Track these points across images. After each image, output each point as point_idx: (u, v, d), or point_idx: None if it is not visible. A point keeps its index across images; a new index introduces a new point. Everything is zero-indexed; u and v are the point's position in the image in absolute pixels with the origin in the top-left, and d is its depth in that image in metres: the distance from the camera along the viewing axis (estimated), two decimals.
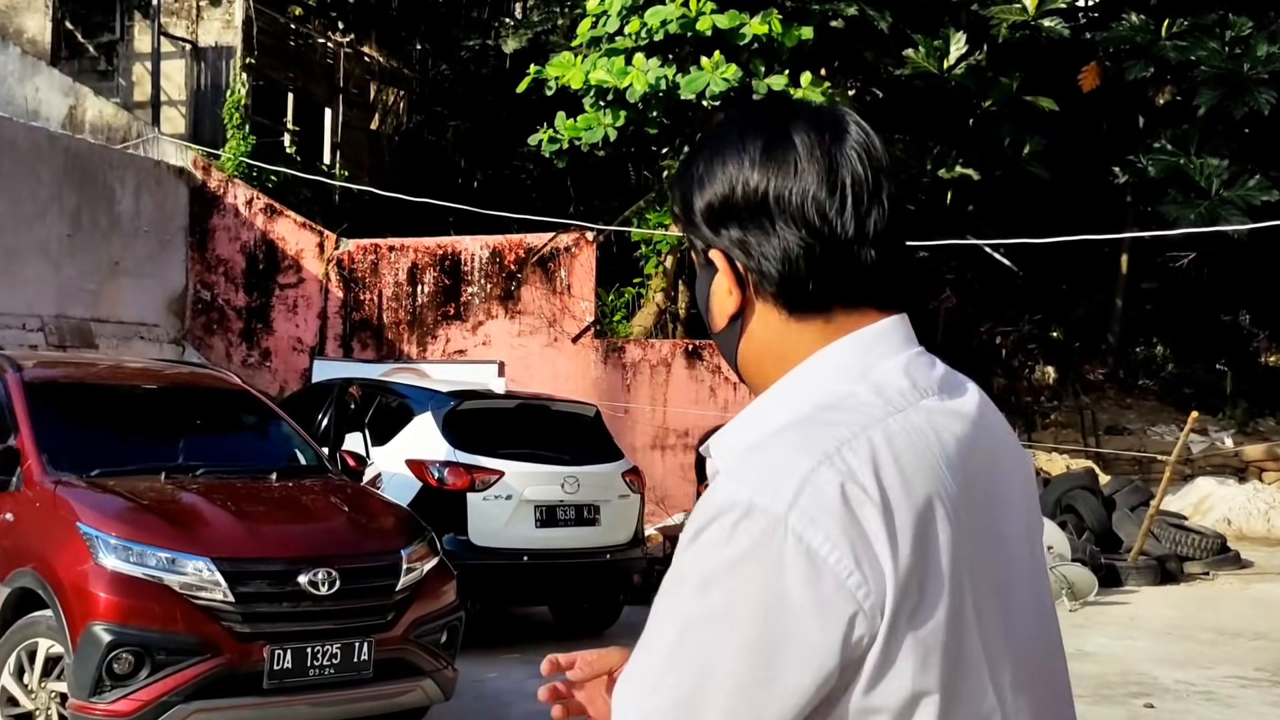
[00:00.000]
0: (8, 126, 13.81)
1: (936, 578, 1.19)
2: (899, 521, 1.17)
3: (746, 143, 1.33)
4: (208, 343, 16.09)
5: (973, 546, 1.24)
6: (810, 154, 1.31)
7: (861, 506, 1.16)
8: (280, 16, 19.39)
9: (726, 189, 1.33)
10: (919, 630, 1.18)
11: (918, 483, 1.21)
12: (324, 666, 6.09)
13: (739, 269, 1.33)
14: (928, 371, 1.33)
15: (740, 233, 1.32)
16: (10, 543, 6.48)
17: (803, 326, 1.32)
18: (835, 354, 1.31)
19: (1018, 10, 19.88)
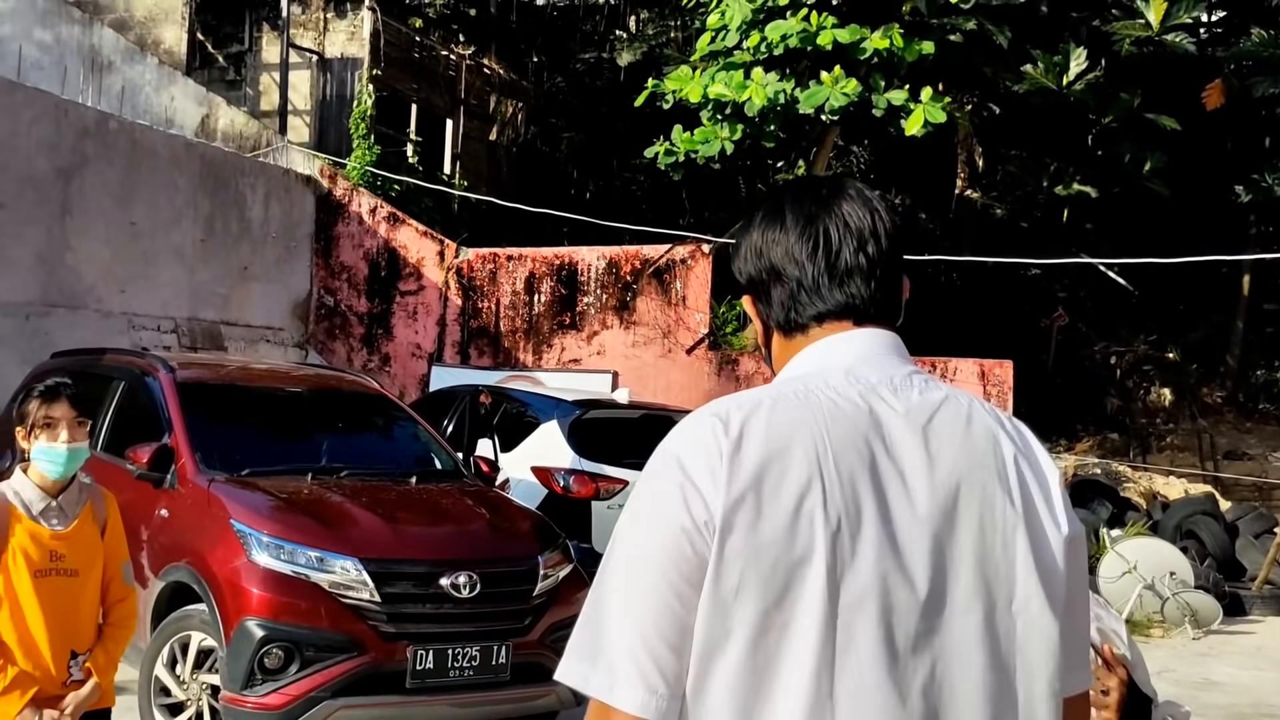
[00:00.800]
0: (148, 134, 14.28)
1: (780, 515, 1.50)
2: (746, 462, 1.52)
3: (755, 217, 1.80)
4: (330, 347, 16.46)
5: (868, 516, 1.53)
6: (795, 217, 1.74)
7: (720, 445, 1.53)
8: (404, 28, 19.78)
9: (745, 250, 1.80)
10: (753, 548, 1.49)
11: (787, 442, 1.54)
12: (464, 668, 6.21)
13: (760, 310, 1.79)
14: (876, 372, 1.66)
15: (753, 280, 1.78)
16: (166, 538, 6.71)
17: (792, 342, 1.75)
18: (801, 358, 1.71)
19: (1140, 26, 19.55)
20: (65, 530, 3.93)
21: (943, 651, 1.55)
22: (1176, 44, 19.53)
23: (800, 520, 1.50)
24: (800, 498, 1.51)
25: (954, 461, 1.61)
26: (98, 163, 13.24)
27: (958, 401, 1.67)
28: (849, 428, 1.57)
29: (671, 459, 1.56)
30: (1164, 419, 22.70)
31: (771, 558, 1.49)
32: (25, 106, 12.50)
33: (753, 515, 1.50)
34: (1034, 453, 1.69)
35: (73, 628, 3.95)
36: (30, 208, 12.42)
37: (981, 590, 1.57)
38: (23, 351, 11.69)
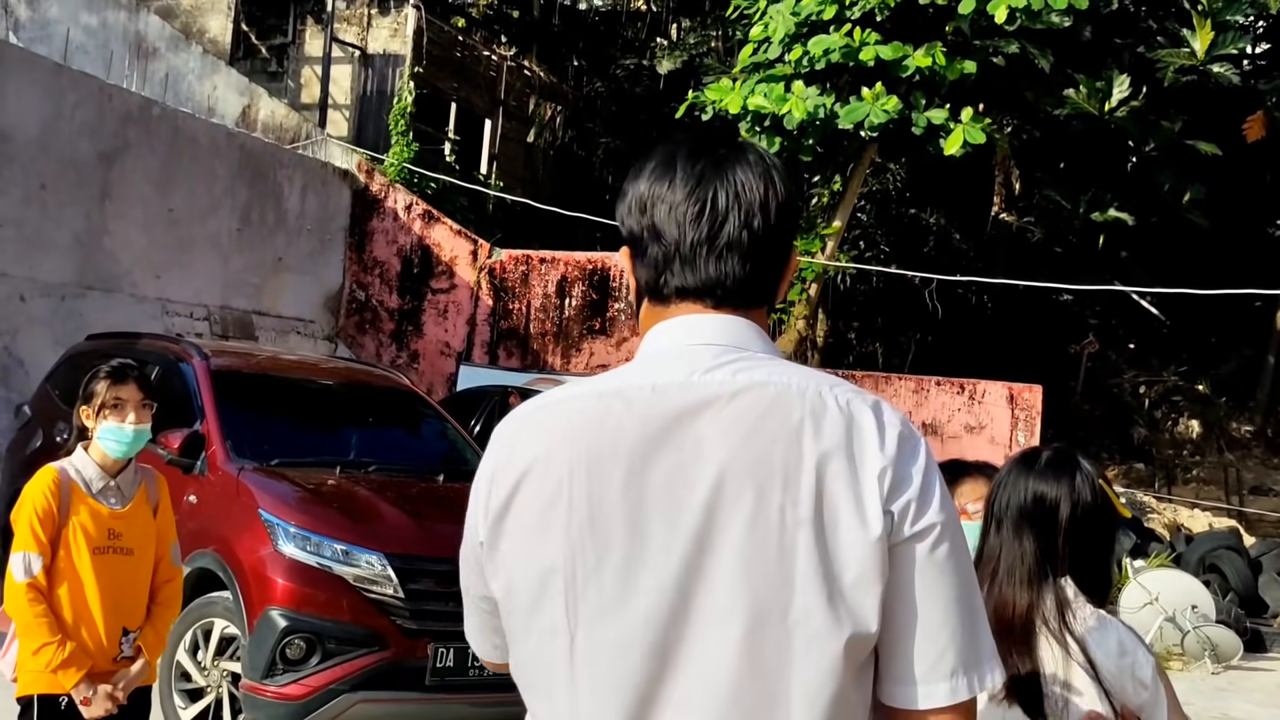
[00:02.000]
0: (189, 122, 14.38)
1: (526, 528, 1.52)
2: (510, 473, 1.53)
3: (645, 165, 1.67)
4: (359, 341, 16.53)
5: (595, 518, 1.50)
6: (685, 176, 1.61)
7: (499, 459, 1.56)
8: (447, 27, 19.86)
9: (627, 199, 1.66)
10: (505, 559, 1.54)
11: (544, 456, 1.52)
12: (483, 668, 6.22)
13: (634, 264, 1.66)
14: (682, 365, 1.54)
15: (632, 230, 1.65)
16: (193, 525, 6.72)
17: (653, 310, 1.63)
18: (653, 337, 1.62)
19: (1185, 54, 19.44)
20: (122, 510, 4.01)
21: (690, 664, 1.45)
22: (1221, 74, 19.41)
23: (546, 533, 1.51)
24: (546, 510, 1.51)
25: (726, 460, 1.47)
26: (139, 148, 13.34)
27: (763, 391, 1.50)
28: (615, 433, 1.50)
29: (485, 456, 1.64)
30: (1191, 451, 22.55)
31: (521, 569, 1.53)
32: (70, 89, 12.60)
33: (509, 526, 1.54)
34: (861, 445, 1.48)
35: (126, 605, 4.03)
36: (71, 190, 12.53)
37: (745, 600, 1.44)
38: (57, 332, 11.78)
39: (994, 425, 14.66)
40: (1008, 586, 2.45)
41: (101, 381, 4.00)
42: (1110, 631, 2.49)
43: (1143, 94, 19.37)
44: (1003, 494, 2.53)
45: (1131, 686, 2.46)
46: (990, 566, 2.48)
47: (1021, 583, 2.45)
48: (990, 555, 2.50)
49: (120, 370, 4.03)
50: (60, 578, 3.90)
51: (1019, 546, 2.47)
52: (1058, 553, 2.48)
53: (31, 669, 3.92)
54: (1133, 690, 2.46)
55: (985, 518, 2.56)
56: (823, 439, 1.47)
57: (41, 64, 12.53)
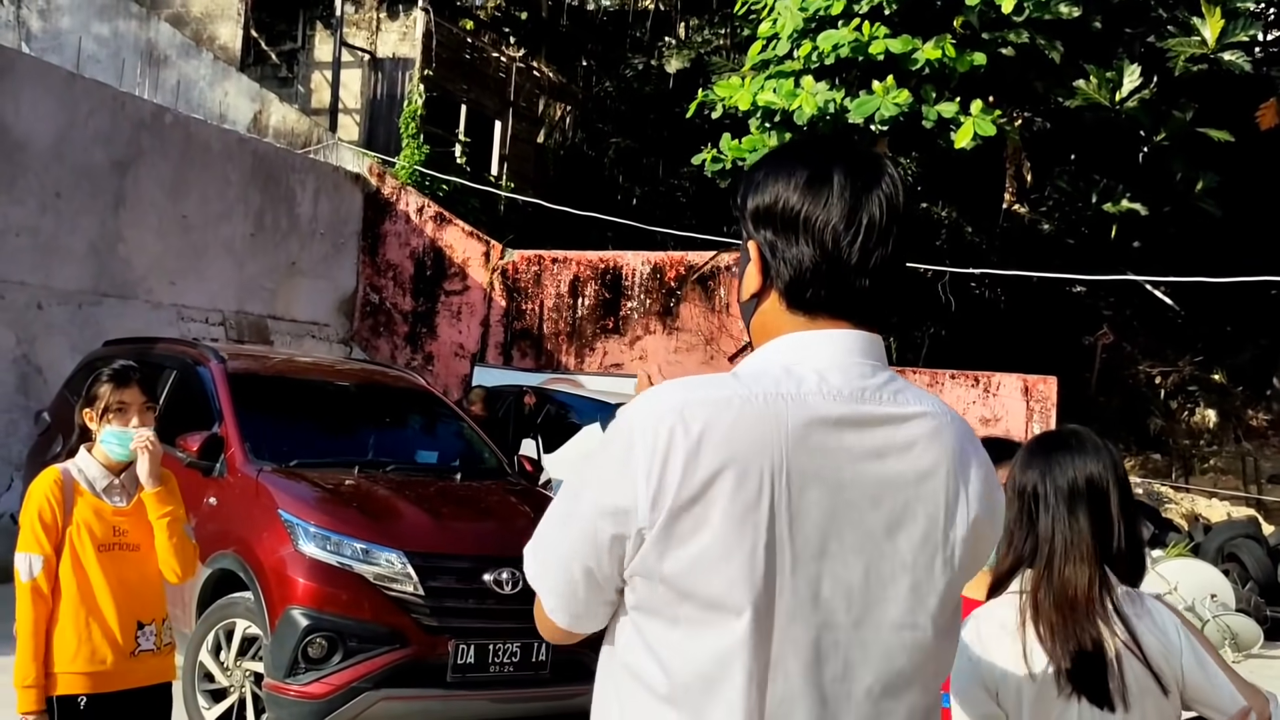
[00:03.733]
0: (202, 128, 14.44)
1: (725, 527, 1.56)
2: (700, 467, 1.56)
3: (795, 170, 1.72)
4: (374, 344, 16.58)
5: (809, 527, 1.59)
6: (841, 193, 1.68)
7: (675, 443, 1.57)
8: (455, 30, 19.90)
9: (771, 200, 1.71)
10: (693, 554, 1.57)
11: (741, 452, 1.57)
12: (504, 664, 6.26)
13: (765, 261, 1.72)
14: (854, 381, 1.66)
15: (772, 236, 1.71)
16: (213, 526, 6.78)
17: (791, 317, 1.71)
18: (787, 342, 1.69)
19: (1196, 43, 19.37)
20: (127, 507, 4.06)
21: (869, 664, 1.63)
22: (1232, 62, 19.33)
23: (744, 531, 1.56)
24: (749, 510, 1.57)
25: (904, 482, 1.65)
26: (152, 155, 13.40)
27: (928, 421, 1.69)
28: (807, 441, 1.60)
29: (624, 437, 1.62)
30: (1208, 441, 22.47)
31: (711, 562, 1.57)
32: (83, 98, 12.67)
33: (696, 522, 1.57)
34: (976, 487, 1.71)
35: (138, 599, 4.07)
36: (85, 198, 12.59)
37: (913, 609, 1.66)
38: (74, 339, 11.85)
39: (1009, 418, 14.64)
40: (1068, 565, 2.50)
41: (104, 385, 4.03)
42: (1161, 612, 2.53)
43: (1154, 83, 19.30)
44: (1050, 474, 2.57)
45: (1183, 666, 2.50)
46: (1047, 547, 2.53)
47: (1082, 559, 2.50)
48: (1045, 535, 2.55)
49: (123, 373, 4.06)
50: (68, 576, 3.95)
51: (1076, 525, 2.53)
52: (1112, 530, 2.54)
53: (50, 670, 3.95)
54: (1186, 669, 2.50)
55: (1025, 498, 2.59)
56: (956, 483, 1.68)
57: (55, 73, 12.60)
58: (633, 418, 1.63)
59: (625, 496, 1.60)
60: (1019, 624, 2.47)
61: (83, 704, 3.94)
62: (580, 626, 1.75)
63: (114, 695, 4.00)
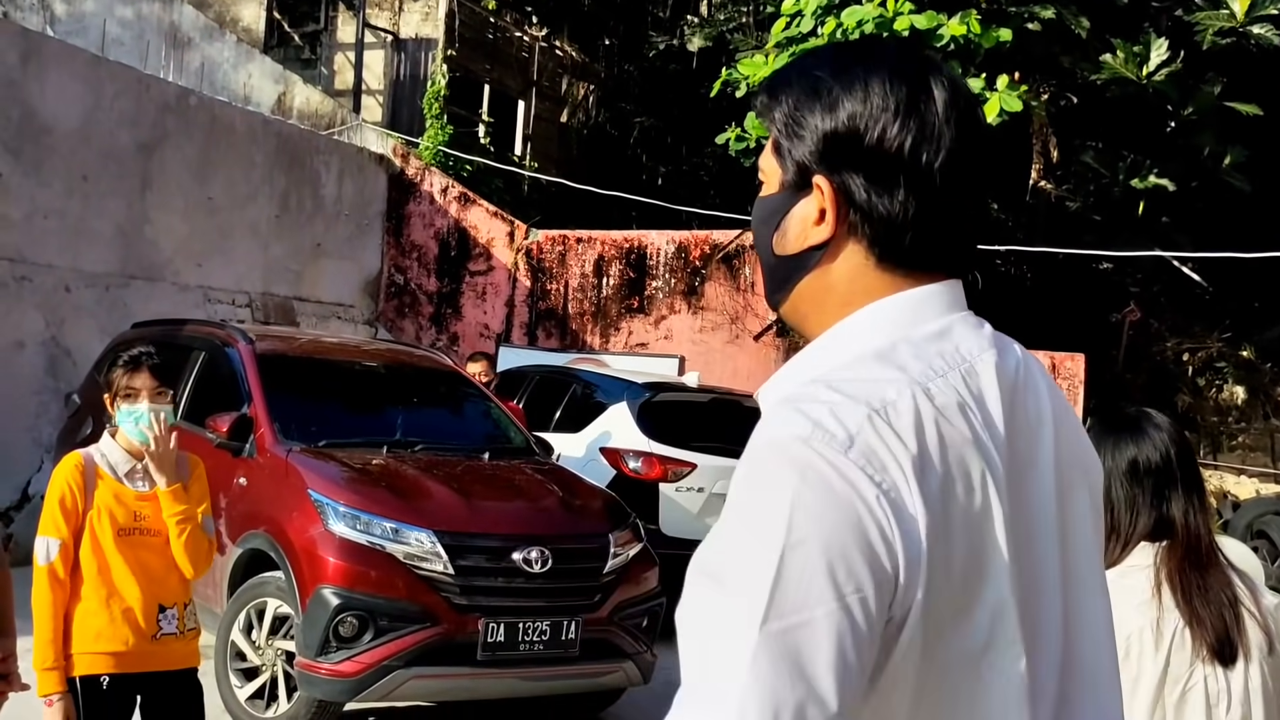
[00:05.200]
0: (226, 110, 14.47)
1: (966, 535, 1.23)
2: (930, 479, 1.20)
3: (893, 86, 1.30)
4: (399, 325, 16.61)
5: (1017, 514, 1.28)
6: (948, 118, 1.30)
7: (897, 461, 1.19)
8: (478, 9, 19.87)
9: (859, 125, 1.30)
10: (951, 585, 1.21)
11: (952, 447, 1.23)
12: (534, 642, 6.28)
13: (842, 205, 1.32)
14: (974, 335, 1.34)
15: (861, 174, 1.30)
16: (244, 506, 6.83)
17: (881, 274, 1.32)
18: (890, 306, 1.32)
19: (1225, 16, 19.17)
20: (149, 491, 4.07)
21: (1083, 668, 1.38)
22: (1261, 36, 19.12)
23: (984, 544, 1.25)
24: (981, 520, 1.25)
25: (1056, 453, 1.37)
26: (177, 138, 13.44)
27: (1049, 380, 1.41)
28: (990, 422, 1.29)
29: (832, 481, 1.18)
30: (1236, 418, 22.33)
31: (958, 586, 1.24)
32: (108, 81, 12.71)
33: (944, 549, 1.21)
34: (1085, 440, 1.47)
35: (159, 583, 4.10)
36: (112, 181, 12.64)
37: (1100, 594, 1.43)
38: (102, 321, 11.91)
39: None
40: (1199, 532, 2.59)
41: (117, 370, 4.08)
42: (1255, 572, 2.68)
43: (1181, 57, 19.12)
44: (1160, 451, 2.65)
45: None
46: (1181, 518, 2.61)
47: (1206, 526, 2.61)
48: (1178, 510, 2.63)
49: (134, 360, 4.10)
50: (89, 560, 3.98)
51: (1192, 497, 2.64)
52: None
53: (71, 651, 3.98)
54: None
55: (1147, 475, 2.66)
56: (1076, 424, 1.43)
57: (80, 56, 12.64)
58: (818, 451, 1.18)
59: (884, 562, 1.18)
60: (1151, 595, 2.52)
61: (105, 684, 3.98)
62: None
63: (136, 677, 4.03)
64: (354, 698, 6.06)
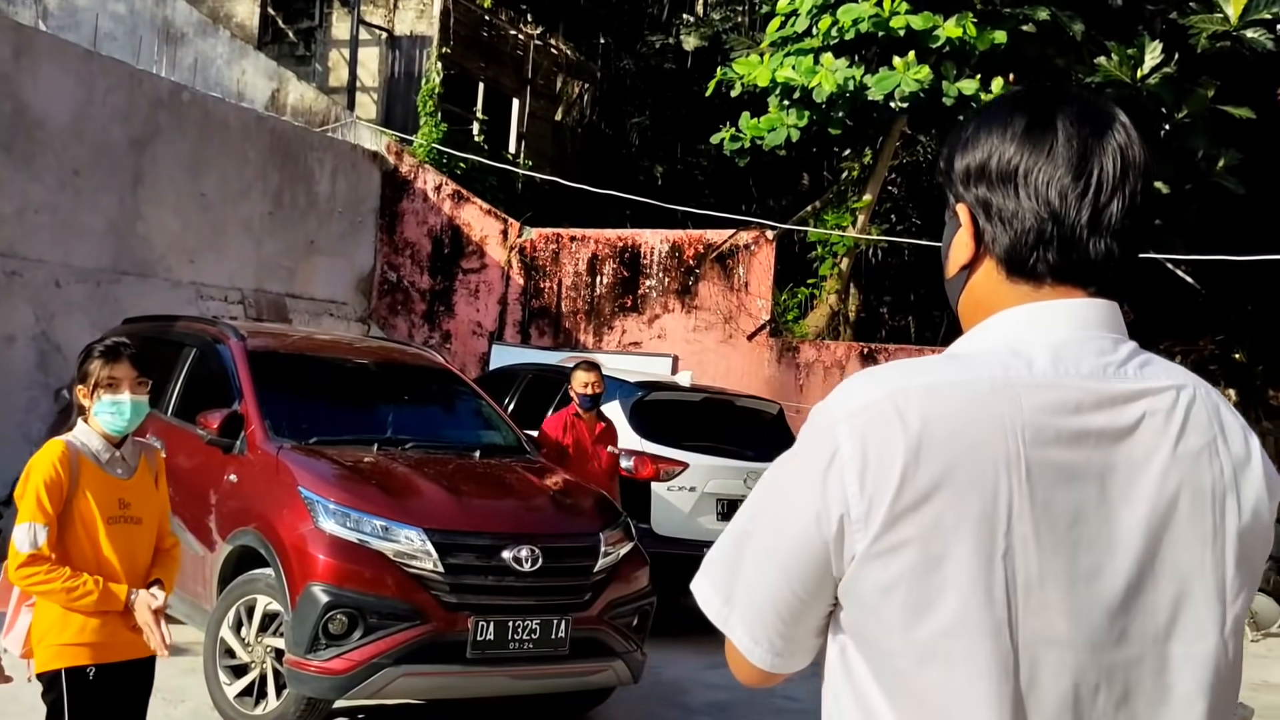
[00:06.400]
0: (220, 107, 14.43)
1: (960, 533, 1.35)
2: (925, 465, 1.36)
3: (1012, 119, 1.51)
4: (392, 322, 16.59)
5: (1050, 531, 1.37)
6: (1069, 142, 1.46)
7: (890, 440, 1.37)
8: (473, 7, 19.84)
9: (984, 156, 1.51)
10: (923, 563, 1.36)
11: (968, 450, 1.36)
12: (524, 641, 6.27)
13: (978, 226, 1.51)
14: (1090, 359, 1.44)
15: (987, 195, 1.50)
16: (234, 503, 6.81)
17: (1013, 288, 1.49)
18: (1012, 316, 1.48)
19: (1219, 20, 19.20)
20: (129, 480, 4.09)
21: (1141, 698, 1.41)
22: (1255, 40, 19.16)
23: (981, 537, 1.35)
24: (981, 520, 1.36)
25: (1160, 477, 1.42)
26: (170, 133, 13.40)
27: (1177, 396, 1.46)
28: (1050, 429, 1.38)
29: (827, 435, 1.41)
30: None
31: (939, 577, 1.36)
32: (101, 76, 12.67)
33: (921, 532, 1.36)
34: (1252, 465, 1.49)
35: (139, 572, 4.11)
36: (104, 176, 12.61)
37: (1198, 617, 1.44)
38: (93, 317, 11.88)
39: None
40: None
41: (95, 361, 4.07)
42: None
43: (1175, 60, 19.15)
44: None
45: None
46: None
47: None
48: None
49: (113, 349, 4.09)
50: (75, 547, 3.96)
51: None
52: None
53: (53, 643, 3.96)
54: None
55: None
56: (1228, 458, 1.46)
57: (72, 50, 12.60)
58: (833, 413, 1.41)
59: (833, 507, 1.38)
60: None
61: (91, 674, 3.97)
62: (786, 666, 1.51)
63: (116, 666, 4.03)
64: (343, 695, 6.05)
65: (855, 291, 19.49)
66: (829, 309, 17.42)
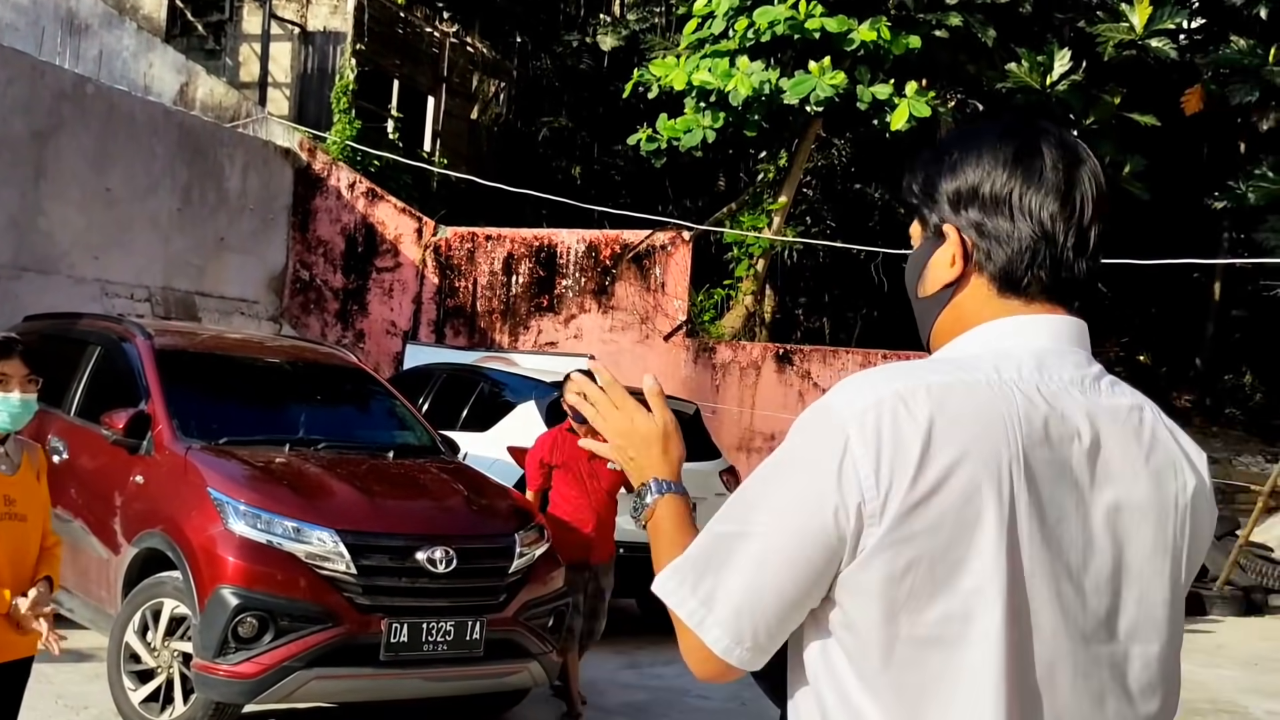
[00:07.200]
0: (126, 100, 14.13)
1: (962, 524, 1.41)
2: (933, 459, 1.41)
3: (1001, 146, 1.59)
4: (304, 321, 16.37)
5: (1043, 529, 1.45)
6: (1055, 168, 1.57)
7: (903, 432, 1.42)
8: (388, 3, 19.65)
9: (977, 180, 1.59)
10: (929, 554, 1.41)
11: (971, 441, 1.43)
12: (438, 642, 6.20)
13: (968, 246, 1.59)
14: (1070, 370, 1.53)
15: (980, 217, 1.58)
16: (140, 505, 6.65)
17: (1003, 302, 1.57)
18: (998, 327, 1.57)
19: (1125, 29, 19.65)
20: (14, 477, 3.99)
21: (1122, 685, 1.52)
22: (1159, 49, 19.65)
23: (984, 533, 1.42)
24: (987, 512, 1.42)
25: (1130, 486, 1.52)
26: (74, 126, 13.09)
27: (1142, 414, 1.57)
28: (1041, 430, 1.47)
29: (835, 432, 1.44)
30: None
31: (948, 566, 1.42)
32: (1, 67, 12.34)
33: (933, 521, 1.41)
34: (1205, 487, 1.60)
35: (24, 570, 4.01)
36: (4, 169, 12.28)
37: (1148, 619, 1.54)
38: None
39: None
40: None
41: None
42: None
43: (1083, 68, 19.56)
44: None
45: None
46: None
47: None
48: None
49: (5, 345, 4.01)
50: None
51: None
52: None
53: None
54: None
55: None
56: (1192, 474, 1.58)
57: None
58: (839, 412, 1.45)
59: (849, 500, 1.42)
60: None
61: None
62: (755, 662, 1.52)
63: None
64: (253, 699, 5.93)
65: (771, 293, 19.63)
66: (745, 310, 17.52)
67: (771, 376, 14.83)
